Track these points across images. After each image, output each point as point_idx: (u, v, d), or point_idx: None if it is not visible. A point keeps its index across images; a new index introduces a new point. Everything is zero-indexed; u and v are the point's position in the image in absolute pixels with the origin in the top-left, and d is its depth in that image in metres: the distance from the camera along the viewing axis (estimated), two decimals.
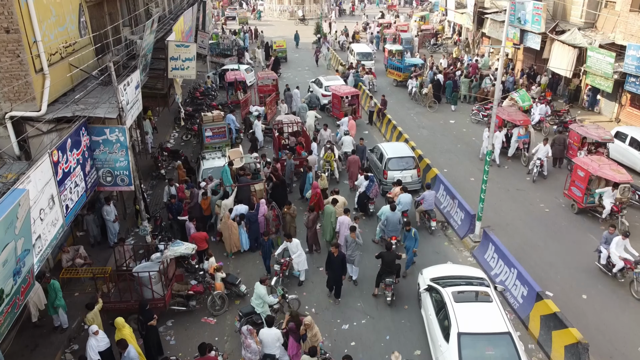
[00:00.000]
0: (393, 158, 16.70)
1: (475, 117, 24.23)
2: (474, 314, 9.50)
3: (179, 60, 15.14)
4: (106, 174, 11.84)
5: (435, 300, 10.45)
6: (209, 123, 19.51)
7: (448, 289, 10.15)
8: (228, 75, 26.80)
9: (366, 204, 15.56)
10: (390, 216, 13.30)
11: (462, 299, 9.86)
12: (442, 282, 10.68)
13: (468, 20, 34.90)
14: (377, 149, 17.96)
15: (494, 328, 9.16)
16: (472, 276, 11.01)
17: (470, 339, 8.99)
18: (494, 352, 8.83)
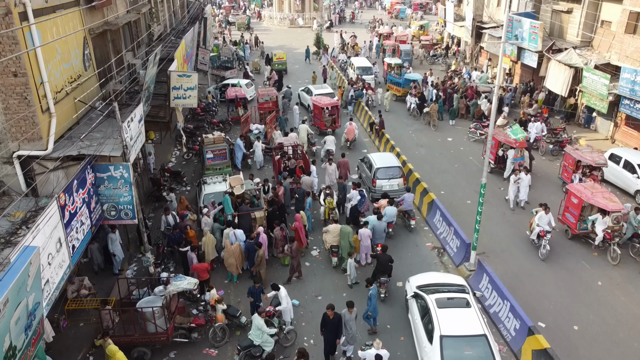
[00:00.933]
0: (381, 168, 18.03)
1: (473, 135, 24.55)
2: (455, 319, 10.61)
3: (180, 89, 15.47)
4: (110, 209, 12.16)
5: (420, 306, 11.51)
6: (210, 145, 19.82)
7: (432, 296, 11.27)
8: (229, 91, 27.11)
9: (357, 217, 16.36)
10: (376, 225, 14.64)
11: (444, 304, 10.99)
12: (427, 289, 11.80)
13: (466, 33, 35.22)
14: (366, 159, 19.25)
15: (472, 331, 10.31)
16: (454, 283, 12.16)
17: (451, 340, 10.12)
18: (472, 352, 9.99)
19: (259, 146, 21.39)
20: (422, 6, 70.75)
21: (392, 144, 22.01)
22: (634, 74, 20.06)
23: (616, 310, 13.13)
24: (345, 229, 14.22)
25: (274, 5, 60.17)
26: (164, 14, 28.28)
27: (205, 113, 27.36)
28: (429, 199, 17.39)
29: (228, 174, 19.61)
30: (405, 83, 29.47)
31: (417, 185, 18.57)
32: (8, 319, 6.54)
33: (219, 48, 39.84)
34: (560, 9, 26.54)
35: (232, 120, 26.46)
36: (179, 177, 20.14)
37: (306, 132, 23.18)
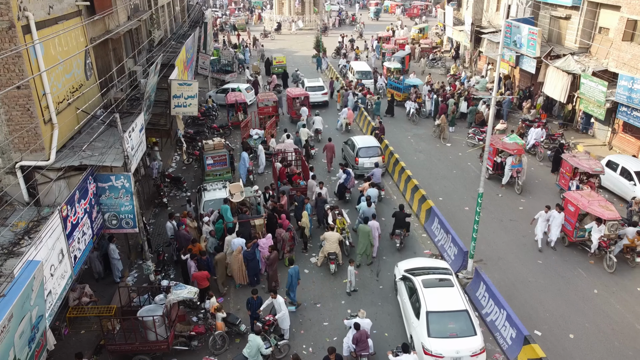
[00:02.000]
0: (362, 147, 20.76)
1: (471, 141, 24.70)
2: (439, 297, 11.76)
3: (181, 98, 15.62)
4: (111, 218, 12.31)
5: (408, 287, 12.73)
6: (210, 151, 19.97)
7: (419, 278, 12.49)
8: (228, 96, 27.26)
9: (344, 192, 18.99)
10: (365, 210, 16.31)
11: (430, 284, 12.16)
12: (414, 272, 12.99)
13: (465, 38, 35.36)
14: (350, 141, 21.91)
15: (455, 307, 11.50)
16: (439, 267, 13.35)
17: (436, 316, 11.33)
18: (455, 325, 11.22)
19: (262, 151, 21.55)
20: (422, 9, 71.08)
21: (392, 150, 22.14)
22: (631, 82, 20.21)
23: (612, 318, 13.27)
24: (364, 228, 14.87)
25: (273, 8, 60.32)
26: (165, 19, 28.46)
27: (206, 118, 27.51)
28: (427, 206, 17.54)
29: (228, 180, 19.80)
30: (406, 88, 29.59)
31: (415, 192, 18.72)
32: (12, 334, 6.68)
33: (219, 51, 40.07)
34: (559, 15, 26.70)
35: (232, 125, 26.62)
36: (179, 183, 20.29)
37: (306, 135, 23.50)
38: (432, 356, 10.85)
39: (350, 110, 26.47)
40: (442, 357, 10.79)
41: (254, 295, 12.43)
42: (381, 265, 15.42)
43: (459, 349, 10.83)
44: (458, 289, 12.08)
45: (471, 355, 10.88)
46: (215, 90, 31.26)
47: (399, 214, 16.05)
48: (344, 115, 26.43)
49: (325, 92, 30.46)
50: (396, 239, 16.06)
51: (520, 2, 30.00)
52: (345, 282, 14.38)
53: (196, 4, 41.29)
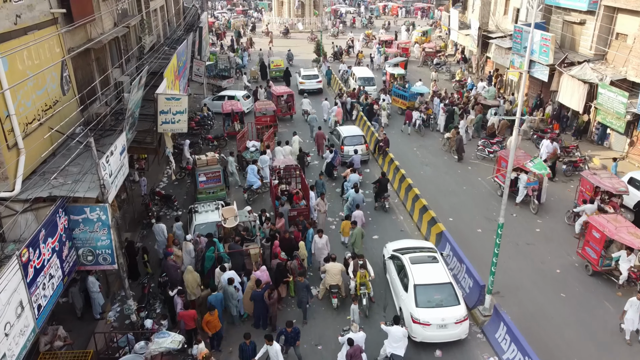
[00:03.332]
0: (347, 136, 22.30)
1: (481, 153, 23.31)
2: (425, 271, 12.77)
3: (169, 113, 14.23)
4: (87, 253, 10.94)
5: (397, 265, 13.65)
6: (203, 167, 18.60)
7: (406, 255, 13.44)
8: (224, 105, 25.87)
9: (332, 170, 21.11)
10: (355, 197, 17.20)
11: (417, 261, 13.16)
12: (402, 251, 13.91)
13: (472, 42, 33.99)
14: (336, 131, 23.66)
15: (440, 280, 12.57)
16: (424, 247, 14.43)
17: (423, 288, 12.33)
18: (440, 296, 12.28)
19: (254, 169, 20.13)
20: (423, 10, 69.79)
21: (397, 165, 20.74)
22: None
23: None
24: (357, 230, 15.05)
25: (273, 10, 58.96)
26: (157, 23, 27.08)
27: (200, 127, 26.10)
28: (438, 230, 16.15)
29: (222, 198, 18.45)
30: (412, 96, 28.15)
31: (424, 213, 17.31)
32: None
33: (215, 55, 38.67)
34: (572, 20, 25.33)
35: (227, 136, 25.24)
36: (170, 201, 18.91)
37: (298, 143, 22.54)
38: (420, 324, 11.91)
39: (339, 109, 26.60)
40: (429, 324, 11.85)
41: (247, 340, 11.04)
42: (388, 299, 14.03)
43: (444, 317, 11.90)
44: (442, 264, 13.21)
45: (455, 322, 11.96)
46: (211, 98, 29.88)
47: (382, 180, 18.52)
48: (333, 113, 26.48)
49: (320, 81, 33.87)
50: (385, 202, 18.43)
51: (530, 6, 28.62)
52: (349, 319, 12.98)
53: (192, 7, 39.87)
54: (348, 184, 18.80)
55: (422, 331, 11.89)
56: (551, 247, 16.55)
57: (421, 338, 11.98)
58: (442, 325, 11.84)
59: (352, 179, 18.69)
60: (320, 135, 23.22)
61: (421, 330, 11.89)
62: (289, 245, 14.59)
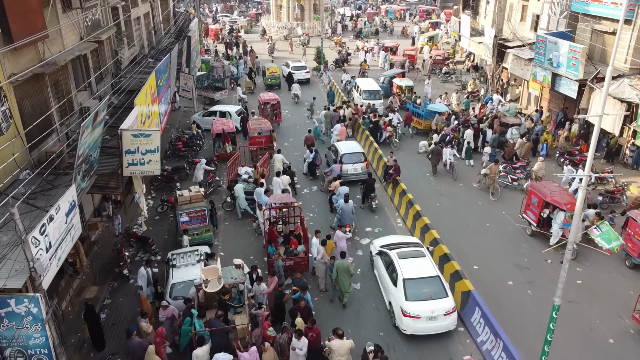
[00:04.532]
0: (346, 154, 20.35)
1: (503, 181, 20.61)
2: (413, 266, 13.03)
3: (137, 153, 11.58)
4: (16, 354, 8.27)
5: (385, 261, 13.96)
6: (185, 205, 15.97)
7: (394, 251, 13.70)
8: (214, 124, 23.16)
9: (314, 169, 21.15)
10: (344, 207, 16.70)
11: (405, 256, 13.43)
12: (389, 247, 14.26)
13: (486, 51, 31.30)
14: (333, 147, 21.54)
15: (427, 273, 12.86)
16: (410, 242, 14.80)
17: (412, 282, 12.58)
18: (428, 289, 12.52)
19: (240, 193, 17.53)
20: (427, 13, 67.09)
21: (411, 199, 18.02)
22: None
23: None
24: (342, 265, 13.31)
25: (271, 14, 56.29)
26: (140, 32, 24.43)
27: (188, 149, 23.45)
28: (464, 288, 13.41)
29: (209, 240, 15.87)
30: (429, 115, 25.26)
31: (445, 262, 14.57)
32: None
33: (209, 64, 35.96)
34: (604, 29, 22.66)
35: (218, 159, 22.57)
36: (147, 245, 16.22)
37: (282, 162, 20.31)
38: (411, 317, 12.18)
39: (342, 127, 24.30)
40: (419, 317, 12.13)
41: None
42: None
43: (434, 309, 12.20)
44: (429, 258, 13.53)
45: (444, 314, 12.26)
46: (202, 113, 27.17)
47: (369, 181, 18.39)
48: (336, 132, 23.92)
49: (308, 71, 36.13)
50: (373, 201, 18.33)
51: (553, 13, 25.97)
52: None
53: (183, 12, 37.21)
54: (337, 197, 17.88)
55: (413, 324, 12.20)
56: (599, 305, 13.88)
57: (412, 331, 12.28)
58: (431, 318, 12.18)
59: (341, 191, 17.78)
60: (309, 139, 22.63)
61: (412, 323, 12.19)
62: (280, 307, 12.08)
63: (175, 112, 29.61)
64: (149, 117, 15.08)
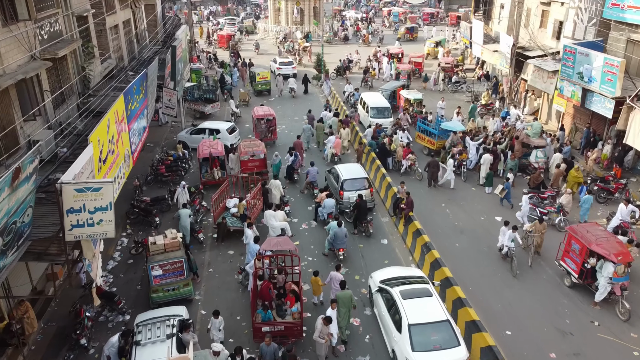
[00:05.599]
0: (348, 179, 17.92)
1: (531, 215, 17.92)
2: (419, 308, 11.43)
3: (83, 212, 8.90)
4: None
5: (386, 299, 12.33)
6: (158, 256, 13.30)
7: (396, 289, 12.09)
8: (201, 147, 20.47)
9: (292, 173, 20.41)
10: (337, 232, 15.19)
11: (409, 295, 11.80)
12: (390, 283, 12.57)
13: (502, 61, 28.63)
14: (334, 170, 19.04)
15: (436, 317, 11.24)
16: (414, 275, 13.07)
17: (418, 328, 11.04)
18: (438, 336, 10.98)
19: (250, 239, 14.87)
20: (432, 16, 64.45)
21: (427, 242, 15.30)
22: None
23: None
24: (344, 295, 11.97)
25: (269, 17, 53.64)
26: (119, 42, 21.78)
27: (172, 173, 20.77)
28: (484, 343, 10.80)
29: (188, 295, 13.23)
30: (443, 133, 22.52)
31: (474, 331, 11.85)
32: None
33: (200, 73, 33.31)
34: None
35: (204, 186, 19.92)
36: (113, 303, 13.53)
37: (279, 190, 18.07)
38: None
39: (338, 139, 22.58)
40: None
41: None
42: None
43: None
44: (437, 298, 11.90)
45: None
46: (189, 130, 24.49)
47: (362, 203, 16.54)
48: (330, 144, 22.53)
49: (295, 67, 37.46)
50: (369, 226, 16.63)
51: (580, 20, 23.31)
52: None
53: (172, 17, 34.60)
54: (323, 210, 16.99)
55: None
56: None
57: None
58: None
59: (327, 204, 16.91)
60: (298, 145, 21.57)
61: None
62: None
63: (161, 128, 26.98)
64: (113, 151, 12.40)
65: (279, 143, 24.80)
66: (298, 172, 20.68)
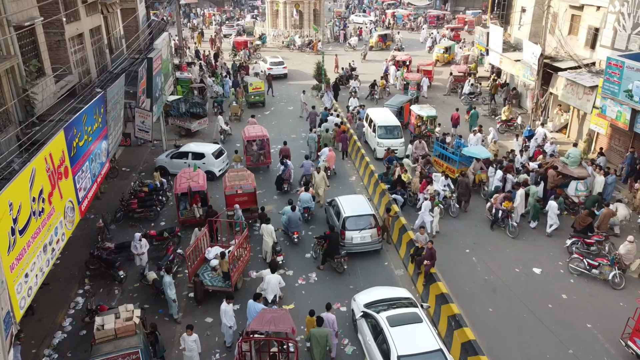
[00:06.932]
0: (351, 217, 15.44)
1: (576, 266, 14.71)
2: (409, 336, 10.40)
3: None
4: None
5: (371, 325, 11.28)
6: (105, 345, 10.08)
7: (383, 314, 11.05)
8: (178, 179, 17.23)
9: (281, 183, 19.31)
10: (291, 215, 15.71)
11: (396, 322, 10.75)
12: (375, 306, 11.64)
13: (526, 72, 25.40)
14: (335, 204, 16.53)
15: (427, 347, 10.16)
16: (401, 297, 12.07)
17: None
18: None
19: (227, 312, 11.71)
20: (438, 19, 61.21)
21: (456, 313, 12.07)
22: None
23: None
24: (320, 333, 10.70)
25: (266, 20, 50.44)
26: (84, 53, 18.58)
27: (146, 209, 17.56)
28: None
29: None
30: (465, 160, 19.17)
31: None
32: None
33: (189, 83, 30.13)
34: None
35: (184, 225, 16.73)
36: None
37: (272, 237, 14.98)
38: None
39: (331, 151, 20.49)
40: None
41: None
42: None
43: None
44: (427, 323, 10.84)
45: None
46: (170, 154, 21.25)
47: (333, 235, 14.72)
48: (323, 157, 20.43)
49: (285, 67, 36.18)
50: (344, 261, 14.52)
51: (622, 27, 20.08)
52: None
53: (157, 21, 31.37)
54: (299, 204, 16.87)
55: None
56: None
57: None
58: None
59: (302, 198, 16.83)
60: (285, 151, 20.43)
61: None
62: None
63: (140, 149, 23.72)
64: (42, 212, 9.19)
65: (273, 168, 21.59)
66: (289, 182, 19.42)
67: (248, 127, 22.11)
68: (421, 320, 10.87)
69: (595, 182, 17.89)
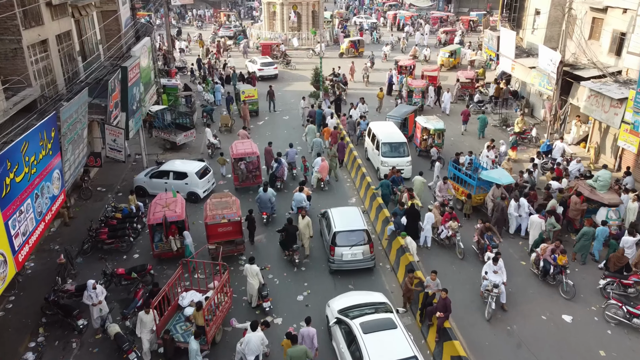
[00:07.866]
0: (342, 232, 14.22)
1: (613, 314, 12.56)
2: (383, 343, 10.10)
3: None
4: None
5: (345, 332, 10.96)
6: None
7: (356, 321, 10.73)
8: (153, 207, 15.09)
9: (275, 181, 18.91)
10: (262, 195, 16.38)
11: (370, 329, 10.45)
12: (349, 312, 11.31)
13: (542, 80, 23.24)
14: (327, 216, 15.47)
15: (402, 354, 9.84)
16: (376, 302, 11.76)
17: None
18: None
19: None
20: (442, 20, 59.04)
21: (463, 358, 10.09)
22: None
23: None
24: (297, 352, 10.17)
25: (263, 23, 48.31)
26: (49, 62, 16.46)
27: (117, 240, 15.41)
28: None
29: None
30: (484, 184, 16.85)
31: None
32: None
33: (177, 90, 28.02)
34: None
35: (159, 259, 14.59)
36: None
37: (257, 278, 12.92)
38: None
39: (324, 162, 19.34)
40: None
41: None
42: None
43: None
44: (402, 329, 10.51)
45: None
46: (149, 172, 19.10)
47: (290, 228, 14.55)
48: (316, 167, 19.27)
49: (276, 67, 35.76)
50: (295, 255, 14.55)
51: None
52: None
53: (142, 22, 29.28)
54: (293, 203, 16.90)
55: None
56: None
57: None
58: None
59: (296, 198, 16.65)
60: (268, 152, 20.10)
61: None
62: None
63: (120, 166, 21.49)
64: None
65: None
66: (282, 180, 19.12)
67: (237, 142, 19.94)
68: (396, 327, 10.53)
69: (628, 209, 15.73)
